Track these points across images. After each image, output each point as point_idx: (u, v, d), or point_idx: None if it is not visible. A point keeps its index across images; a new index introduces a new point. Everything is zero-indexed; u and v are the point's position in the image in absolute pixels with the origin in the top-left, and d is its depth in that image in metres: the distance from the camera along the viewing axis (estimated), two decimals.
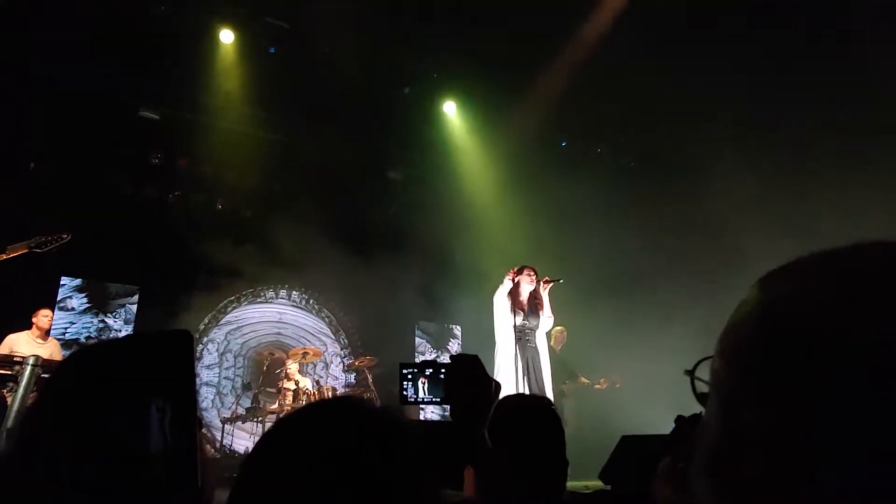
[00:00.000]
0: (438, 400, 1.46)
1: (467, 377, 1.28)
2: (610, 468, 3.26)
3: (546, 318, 5.97)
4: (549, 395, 5.65)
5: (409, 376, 1.50)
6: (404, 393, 1.49)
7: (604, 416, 6.58)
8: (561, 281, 6.09)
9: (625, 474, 3.11)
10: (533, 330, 5.89)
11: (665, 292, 8.19)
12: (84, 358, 0.94)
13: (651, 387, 7.59)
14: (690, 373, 0.60)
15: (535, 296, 5.97)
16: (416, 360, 10.07)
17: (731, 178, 7.46)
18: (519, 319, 5.78)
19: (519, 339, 5.74)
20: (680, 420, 1.51)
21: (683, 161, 8.25)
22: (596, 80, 8.22)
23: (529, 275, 5.94)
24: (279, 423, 0.70)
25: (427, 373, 1.50)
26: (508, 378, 5.53)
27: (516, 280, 5.87)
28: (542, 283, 5.99)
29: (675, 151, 8.33)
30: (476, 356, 1.31)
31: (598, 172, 8.94)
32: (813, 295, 0.44)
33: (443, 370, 1.45)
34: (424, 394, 1.48)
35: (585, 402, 7.49)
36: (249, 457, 0.68)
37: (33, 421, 0.91)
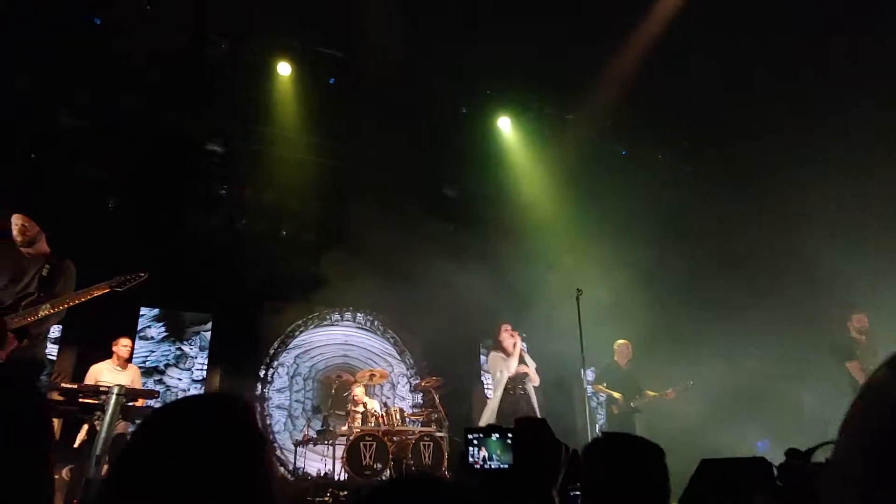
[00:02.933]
0: (507, 466, 1.39)
1: (537, 442, 1.22)
2: (691, 494, 3.11)
3: (533, 370, 6.71)
4: None
5: (475, 441, 1.45)
6: (471, 459, 1.44)
7: (679, 436, 6.32)
8: (524, 335, 6.99)
9: (707, 501, 2.96)
10: (523, 378, 6.59)
11: (738, 306, 7.85)
12: (168, 416, 0.98)
13: (727, 404, 7.29)
14: (805, 458, 0.54)
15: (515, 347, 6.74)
16: (483, 377, 10.03)
17: (810, 185, 7.05)
18: (512, 367, 6.57)
19: (511, 389, 6.47)
20: (788, 456, 1.41)
21: (752, 165, 7.92)
22: (654, 85, 8.04)
23: (506, 330, 6.81)
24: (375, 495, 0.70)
25: (494, 437, 1.44)
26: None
27: (498, 337, 6.80)
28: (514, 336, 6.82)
29: (743, 155, 7.99)
30: (544, 420, 1.26)
31: (661, 181, 8.68)
32: None
33: (510, 434, 1.39)
34: (492, 459, 1.42)
35: (660, 421, 7.23)
36: None
37: (125, 466, 0.96)
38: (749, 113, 7.73)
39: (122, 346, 6.65)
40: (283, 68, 8.10)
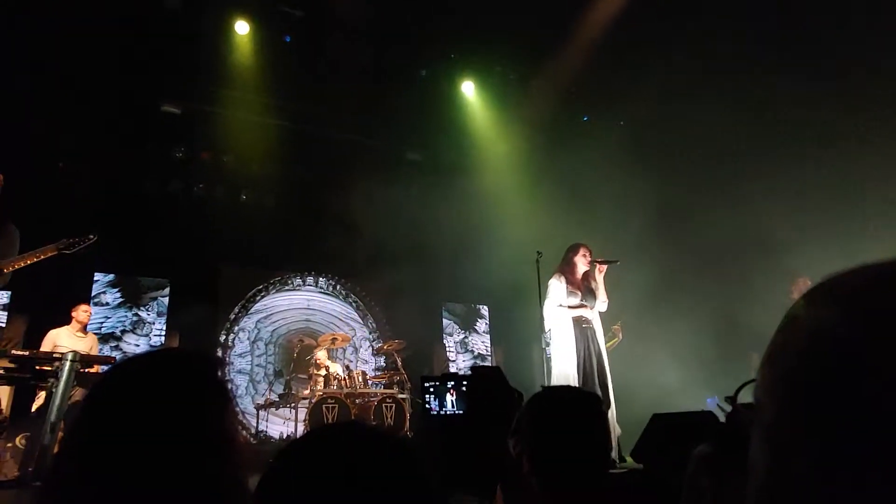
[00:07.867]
0: (462, 412, 1.43)
1: (488, 390, 1.26)
2: (642, 447, 3.25)
3: (601, 302, 5.53)
4: (609, 381, 5.36)
5: (431, 389, 1.48)
6: (427, 406, 1.48)
7: (634, 391, 6.53)
8: (618, 262, 5.65)
9: (658, 453, 3.10)
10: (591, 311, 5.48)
11: (694, 270, 8.07)
12: (122, 374, 0.96)
13: (678, 361, 7.55)
14: (732, 400, 0.56)
15: (589, 277, 5.54)
16: (445, 340, 10.15)
17: (766, 155, 7.21)
18: (575, 301, 5.33)
19: (577, 324, 5.31)
20: (732, 410, 1.47)
21: (712, 134, 8.03)
22: (618, 52, 8.06)
23: (584, 255, 5.49)
24: (291, 446, 0.70)
25: (449, 385, 1.48)
26: (565, 367, 5.18)
27: (572, 260, 5.43)
28: (596, 265, 5.53)
29: (704, 122, 8.09)
30: (498, 368, 1.30)
31: (623, 146, 8.75)
32: (873, 320, 0.37)
33: (465, 382, 1.43)
34: (447, 406, 1.46)
35: (618, 381, 7.41)
36: (263, 485, 0.68)
37: (79, 431, 0.93)
38: (711, 82, 7.81)
39: (82, 311, 6.53)
40: (241, 27, 7.87)
